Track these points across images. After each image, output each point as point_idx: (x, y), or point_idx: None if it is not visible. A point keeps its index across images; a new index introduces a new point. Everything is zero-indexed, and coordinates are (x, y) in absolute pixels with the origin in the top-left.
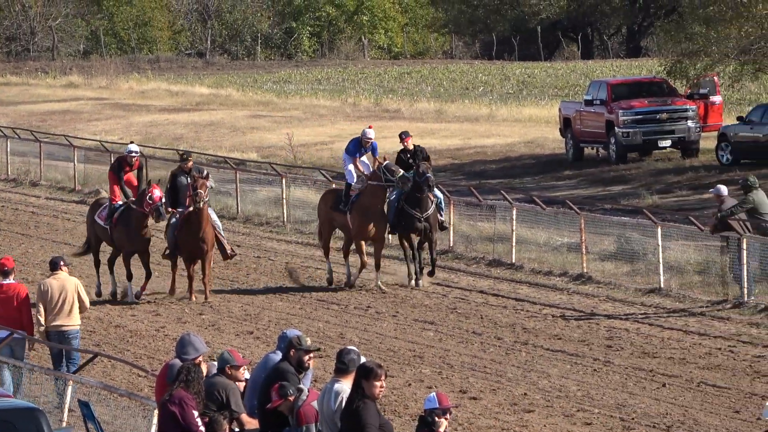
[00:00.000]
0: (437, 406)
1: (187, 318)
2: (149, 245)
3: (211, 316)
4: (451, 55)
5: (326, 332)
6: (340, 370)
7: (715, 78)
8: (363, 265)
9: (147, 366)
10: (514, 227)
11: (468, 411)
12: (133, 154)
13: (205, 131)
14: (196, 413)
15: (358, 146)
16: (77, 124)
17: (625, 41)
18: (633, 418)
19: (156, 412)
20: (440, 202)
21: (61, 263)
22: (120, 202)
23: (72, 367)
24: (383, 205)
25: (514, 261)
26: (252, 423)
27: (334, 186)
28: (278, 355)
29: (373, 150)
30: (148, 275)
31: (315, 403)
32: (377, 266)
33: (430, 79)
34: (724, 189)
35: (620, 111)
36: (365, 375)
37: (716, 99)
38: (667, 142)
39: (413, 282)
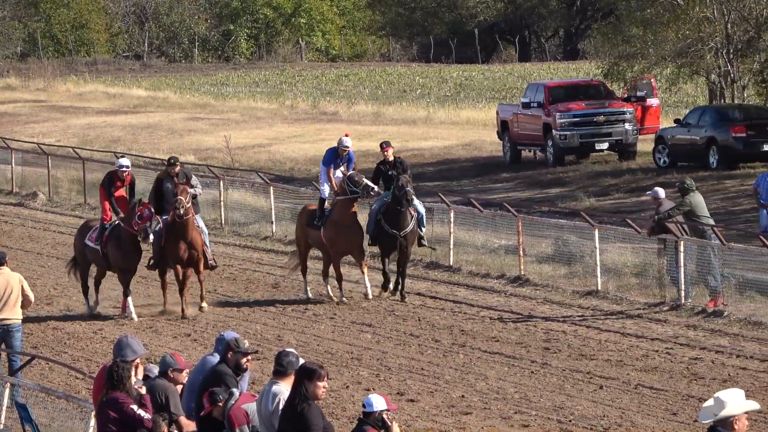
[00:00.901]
0: (386, 407)
1: (125, 320)
2: (138, 263)
3: (149, 319)
4: (389, 57)
5: (264, 334)
6: (279, 372)
7: (653, 80)
8: (339, 281)
9: (84, 368)
10: (451, 229)
11: (405, 413)
12: (124, 169)
13: (142, 134)
14: (135, 407)
15: (334, 156)
16: (14, 126)
17: (563, 44)
18: (570, 420)
19: (93, 414)
20: (422, 218)
21: (6, 259)
22: (110, 223)
23: (14, 364)
24: (355, 218)
25: (451, 263)
26: (190, 425)
27: (310, 206)
28: (216, 358)
29: (349, 160)
30: (126, 294)
31: (247, 405)
32: (363, 271)
33: (367, 82)
34: (661, 191)
35: (557, 114)
36: (308, 376)
37: (653, 102)
38: (605, 145)
39: (389, 290)
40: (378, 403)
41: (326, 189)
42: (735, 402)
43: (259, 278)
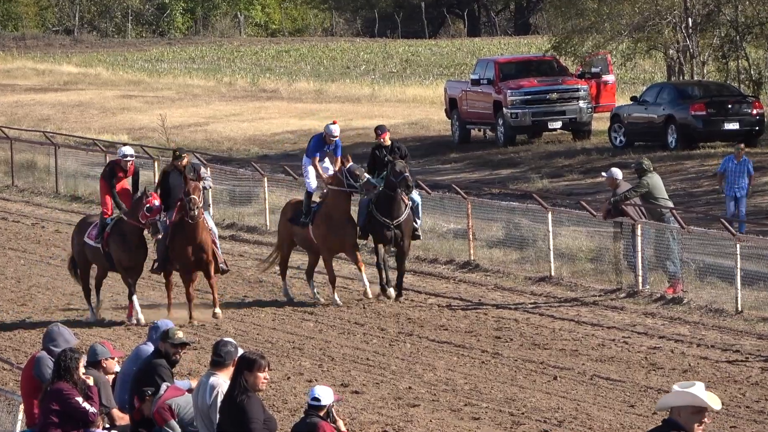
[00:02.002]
0: (333, 400)
1: (54, 309)
2: (145, 260)
3: (80, 307)
4: (332, 32)
5: (201, 323)
6: (216, 363)
7: (608, 56)
8: (332, 282)
9: (12, 359)
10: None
11: (350, 405)
12: (128, 159)
13: (73, 112)
14: (80, 399)
15: (319, 144)
16: None
17: (513, 18)
18: (523, 413)
19: (22, 407)
20: (417, 206)
21: None
22: (111, 217)
23: None
24: (349, 213)
25: None
26: (123, 418)
27: (293, 200)
28: (150, 347)
29: (336, 149)
30: (131, 294)
31: (173, 400)
32: (360, 269)
33: (309, 58)
34: (617, 172)
35: (508, 91)
36: (248, 366)
37: (609, 78)
38: (558, 124)
39: (382, 291)
40: (326, 396)
41: (312, 181)
42: (694, 395)
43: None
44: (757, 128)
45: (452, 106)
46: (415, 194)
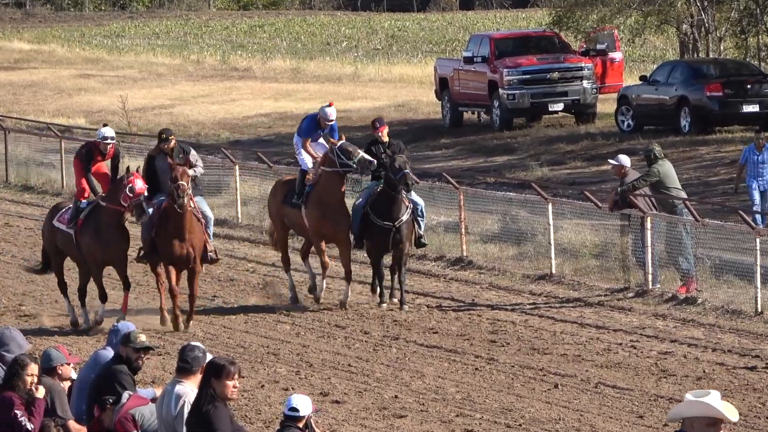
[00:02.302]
0: (311, 410)
1: (4, 310)
2: (127, 251)
3: (32, 307)
4: (310, 5)
5: (162, 327)
6: (183, 370)
7: (615, 31)
8: (324, 266)
9: None
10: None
11: (330, 416)
12: (108, 141)
13: (24, 93)
14: (19, 412)
15: (313, 126)
16: None
17: None
18: (520, 425)
19: None
20: (419, 209)
21: None
22: (87, 200)
23: None
24: (343, 197)
25: None
26: (80, 431)
27: (285, 177)
28: (110, 352)
29: (333, 134)
30: (127, 287)
31: (137, 410)
32: (347, 275)
33: (285, 33)
34: (625, 159)
35: (505, 70)
36: (215, 373)
37: (616, 56)
38: (559, 106)
39: (378, 301)
40: (304, 406)
41: (307, 159)
42: (708, 404)
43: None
44: None
45: (443, 87)
46: (416, 196)
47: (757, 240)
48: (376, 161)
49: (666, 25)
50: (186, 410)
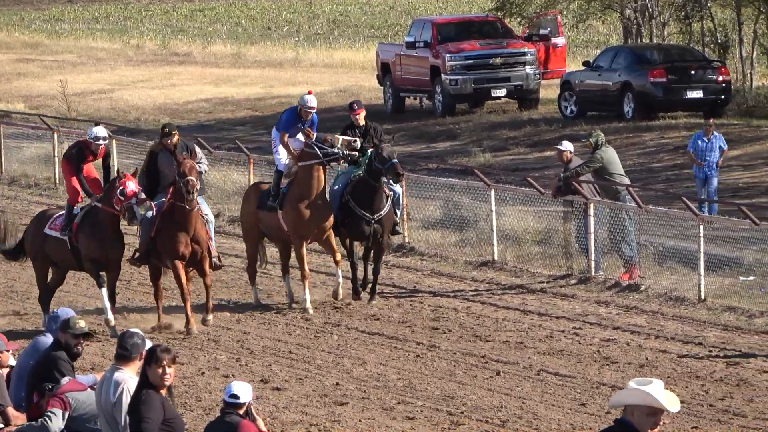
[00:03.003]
0: (252, 397)
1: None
2: (122, 257)
3: None
4: None
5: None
6: (122, 357)
7: (558, 16)
8: (305, 277)
9: None
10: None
11: (271, 404)
12: (100, 142)
13: None
14: None
15: (293, 119)
16: None
17: None
18: (462, 412)
19: None
20: (398, 198)
21: None
22: (82, 205)
23: None
24: (323, 192)
25: None
26: (20, 418)
27: (259, 181)
28: (49, 339)
29: (312, 125)
30: (112, 301)
31: (72, 394)
32: (336, 261)
33: (226, 18)
34: (568, 145)
35: (447, 55)
36: (147, 360)
37: (559, 41)
38: (502, 92)
39: (355, 293)
40: (245, 393)
41: (283, 158)
42: (649, 394)
43: None
44: (722, 97)
45: (385, 72)
46: (396, 186)
47: (701, 227)
48: (359, 140)
49: (609, 10)
50: (125, 398)
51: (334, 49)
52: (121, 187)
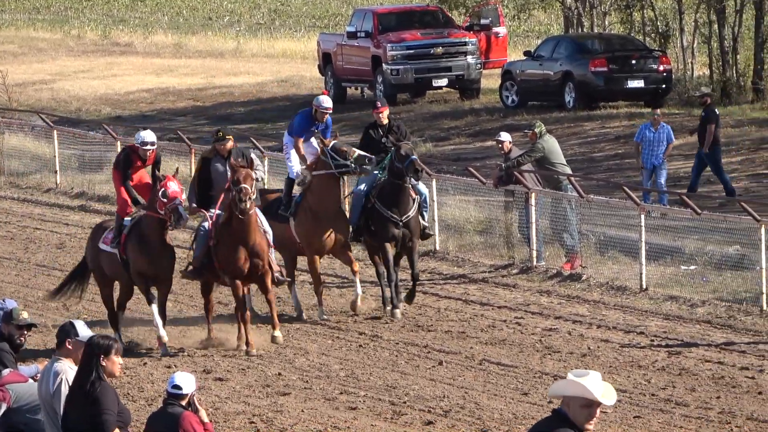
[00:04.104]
0: (195, 388)
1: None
2: (173, 268)
3: None
4: None
5: (49, 303)
6: (61, 347)
7: (499, 6)
8: (319, 293)
9: None
10: (265, 180)
11: (213, 394)
12: (147, 147)
13: None
14: None
15: (307, 122)
16: None
17: None
18: (405, 402)
19: None
20: (424, 200)
21: None
22: (132, 215)
23: None
24: (338, 202)
25: None
26: None
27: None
28: None
29: (326, 130)
30: (162, 315)
31: (13, 386)
32: (354, 270)
33: (166, 8)
34: (506, 136)
35: (388, 45)
36: (105, 351)
37: (500, 31)
38: (443, 81)
39: (388, 309)
40: (188, 383)
41: (295, 165)
42: (584, 386)
43: (42, 237)
44: (663, 86)
45: (326, 62)
46: (422, 186)
47: (642, 216)
48: (374, 158)
49: (550, 0)
50: (63, 388)
51: (275, 39)
52: (162, 189)
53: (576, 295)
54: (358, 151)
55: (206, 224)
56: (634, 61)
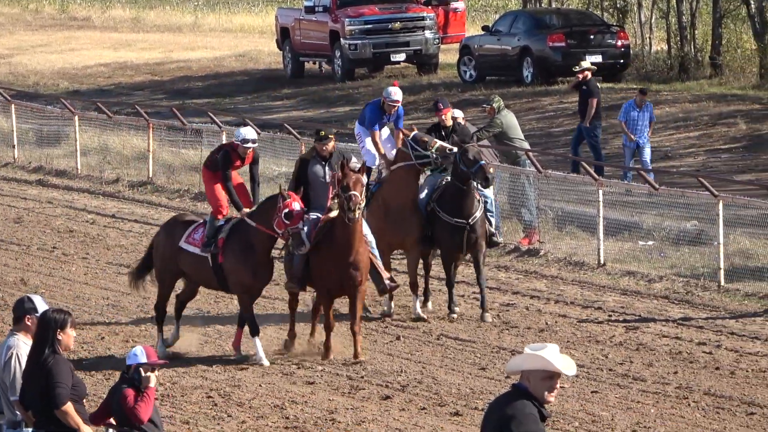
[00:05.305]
0: (145, 360)
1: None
2: (268, 283)
3: None
4: None
5: (4, 277)
6: (17, 322)
7: None
8: (386, 291)
9: None
10: None
11: (171, 369)
12: (249, 145)
13: None
14: None
15: (377, 114)
16: None
17: None
18: (362, 377)
19: None
20: (490, 204)
21: None
22: (226, 218)
23: None
24: (415, 196)
25: None
26: None
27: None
28: None
29: (398, 120)
30: (242, 323)
31: None
32: (413, 287)
33: None
34: (458, 113)
35: (346, 20)
36: (61, 325)
37: (458, 5)
38: (401, 56)
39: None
40: (140, 355)
41: (375, 155)
42: (544, 358)
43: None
44: (621, 61)
45: (284, 37)
46: (487, 190)
47: (600, 191)
48: (456, 149)
49: None
50: (13, 362)
51: (233, 14)
52: (286, 210)
53: (534, 270)
54: (439, 142)
55: (306, 228)
56: (592, 36)
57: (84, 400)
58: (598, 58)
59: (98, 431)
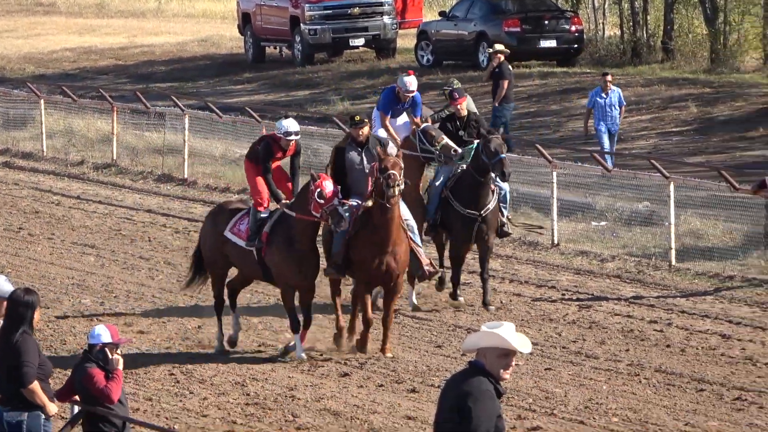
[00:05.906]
0: (110, 340)
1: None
2: (317, 275)
3: None
4: None
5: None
6: None
7: None
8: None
9: None
10: (186, 138)
11: (134, 347)
12: (291, 137)
13: None
14: None
15: (392, 99)
16: None
17: None
18: (321, 354)
19: None
20: (505, 196)
21: None
22: (268, 210)
23: None
24: (418, 190)
25: (186, 176)
26: None
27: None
28: None
29: (415, 108)
30: (307, 323)
31: None
32: (410, 278)
33: None
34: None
35: (306, 5)
36: (34, 307)
37: None
38: (360, 41)
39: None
40: (104, 335)
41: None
42: (500, 336)
43: None
44: (575, 46)
45: (245, 22)
46: (503, 182)
47: (554, 173)
48: (461, 150)
49: None
50: None
51: (195, 0)
52: (318, 190)
53: None
54: (446, 140)
55: (347, 214)
56: (546, 22)
57: (49, 379)
58: (553, 43)
59: (63, 408)
